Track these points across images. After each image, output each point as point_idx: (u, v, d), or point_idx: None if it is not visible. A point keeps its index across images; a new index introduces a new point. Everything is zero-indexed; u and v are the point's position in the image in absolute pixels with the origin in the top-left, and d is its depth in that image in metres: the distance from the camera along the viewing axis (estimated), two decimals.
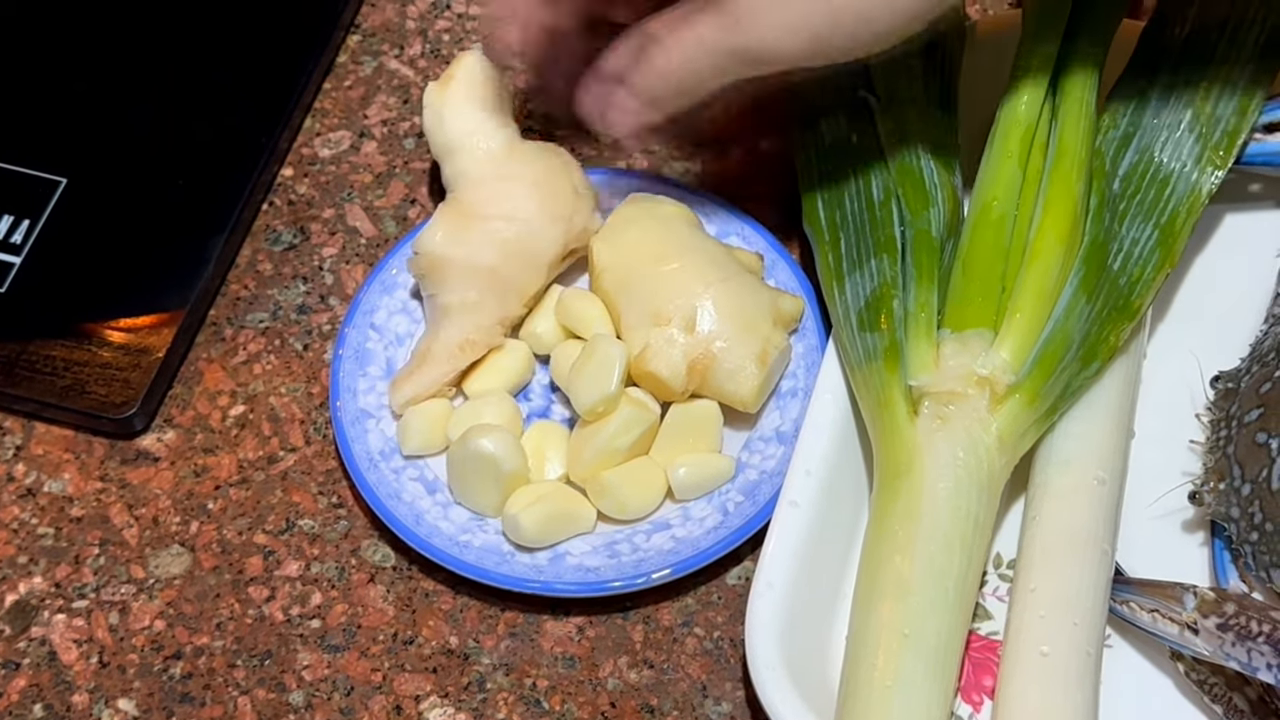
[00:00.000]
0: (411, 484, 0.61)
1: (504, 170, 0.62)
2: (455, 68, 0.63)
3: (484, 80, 0.63)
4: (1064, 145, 0.60)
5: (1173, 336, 0.64)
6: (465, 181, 0.62)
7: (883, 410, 0.57)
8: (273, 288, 0.67)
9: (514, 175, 0.62)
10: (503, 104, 0.63)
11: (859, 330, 0.59)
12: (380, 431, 0.61)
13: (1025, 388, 0.56)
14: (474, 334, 0.61)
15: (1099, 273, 0.59)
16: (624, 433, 0.59)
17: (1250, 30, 0.63)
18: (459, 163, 0.63)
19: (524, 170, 0.62)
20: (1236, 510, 0.56)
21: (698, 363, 0.60)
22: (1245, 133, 0.62)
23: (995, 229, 0.59)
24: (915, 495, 0.54)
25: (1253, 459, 0.56)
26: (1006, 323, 0.57)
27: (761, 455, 0.61)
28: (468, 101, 0.63)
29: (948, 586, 0.53)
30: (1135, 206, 0.61)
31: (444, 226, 0.61)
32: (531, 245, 0.62)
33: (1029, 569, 0.56)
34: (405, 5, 0.74)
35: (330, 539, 0.62)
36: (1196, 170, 0.61)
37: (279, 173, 0.70)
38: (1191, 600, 0.54)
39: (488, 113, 0.63)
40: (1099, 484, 0.57)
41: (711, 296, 0.60)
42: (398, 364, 0.63)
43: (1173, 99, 0.62)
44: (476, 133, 0.62)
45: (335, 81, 0.72)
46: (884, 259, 0.60)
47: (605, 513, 0.60)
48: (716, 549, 0.58)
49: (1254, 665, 0.52)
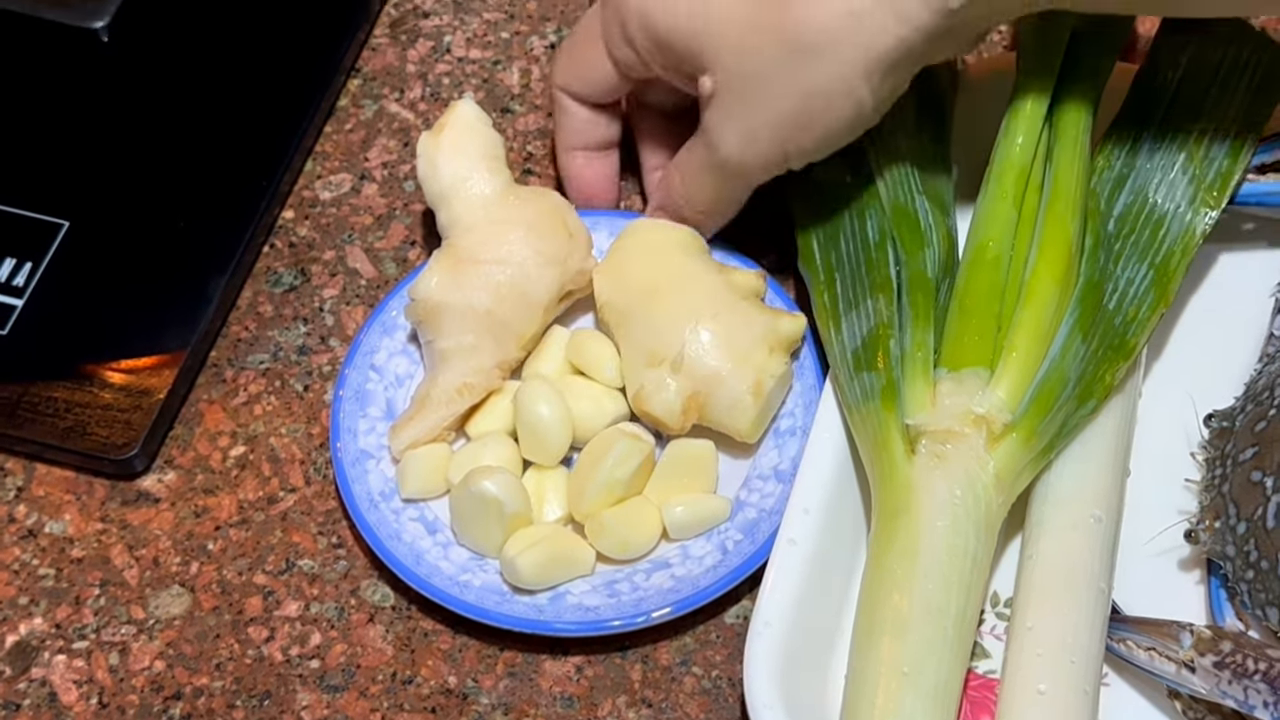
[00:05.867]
0: (411, 524, 0.61)
1: (498, 215, 0.63)
2: (448, 116, 0.64)
3: (476, 127, 0.64)
4: (1059, 186, 0.61)
5: (1168, 375, 0.64)
6: (459, 227, 0.63)
7: (880, 449, 0.57)
8: (273, 329, 0.68)
9: (508, 219, 0.63)
10: (496, 150, 0.64)
11: (855, 370, 0.59)
12: (380, 472, 0.62)
13: (1022, 426, 0.57)
14: (472, 378, 0.62)
15: (1094, 312, 0.59)
16: (622, 465, 0.59)
17: (1243, 73, 0.64)
18: (453, 209, 0.63)
19: (518, 214, 0.63)
20: (1232, 548, 0.57)
21: (693, 400, 0.60)
22: (1238, 174, 0.62)
23: (991, 269, 0.60)
24: (913, 533, 0.55)
25: (1248, 497, 0.56)
26: (1003, 362, 0.58)
27: (760, 494, 0.61)
28: (461, 149, 0.63)
29: (946, 625, 0.54)
30: (1130, 247, 0.61)
31: (439, 272, 0.62)
32: (527, 288, 0.62)
33: (1026, 607, 0.56)
34: (405, 49, 0.75)
35: (329, 579, 0.62)
36: (1190, 211, 0.62)
37: (280, 215, 0.70)
38: (1188, 638, 0.54)
39: (481, 159, 0.63)
40: (1095, 522, 0.57)
41: (704, 331, 0.60)
42: (398, 405, 0.63)
43: (1166, 141, 0.63)
44: (470, 179, 0.63)
45: (336, 124, 0.73)
46: (880, 299, 0.60)
47: (604, 553, 0.60)
48: (716, 587, 0.58)
49: (1250, 703, 0.52)
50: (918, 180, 0.63)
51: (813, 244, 0.63)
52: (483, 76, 0.74)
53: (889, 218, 0.62)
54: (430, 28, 0.76)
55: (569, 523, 0.61)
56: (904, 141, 0.64)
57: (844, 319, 0.61)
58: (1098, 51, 0.63)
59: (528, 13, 0.76)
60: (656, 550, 0.61)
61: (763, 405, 0.61)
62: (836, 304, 0.62)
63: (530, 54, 0.75)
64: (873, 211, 0.63)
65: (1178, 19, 0.64)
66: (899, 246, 0.61)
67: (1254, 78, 0.64)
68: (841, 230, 0.63)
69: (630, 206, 0.70)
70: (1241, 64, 0.64)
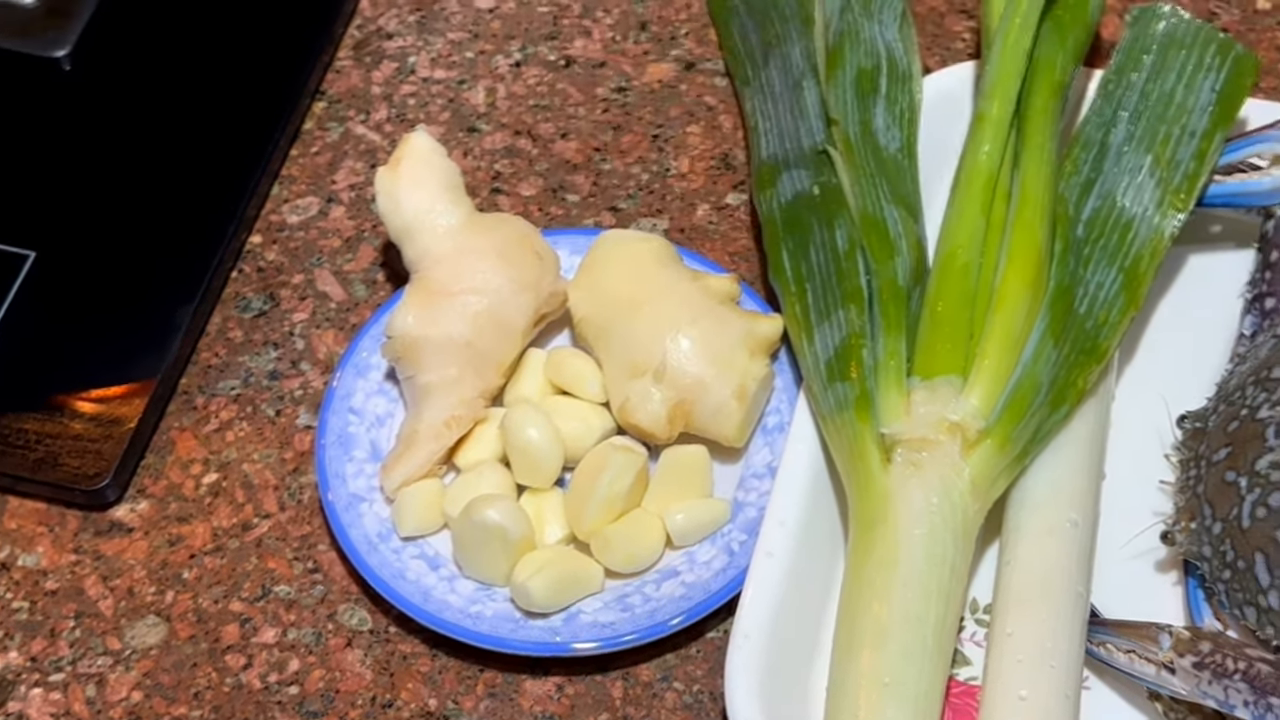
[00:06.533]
0: (414, 562, 0.61)
1: (465, 244, 0.63)
2: (402, 149, 0.64)
3: (433, 158, 0.64)
4: (1026, 192, 0.61)
5: (1140, 378, 0.64)
6: (428, 260, 0.63)
7: (855, 459, 0.57)
8: (243, 355, 0.67)
9: (476, 248, 0.63)
10: (454, 179, 0.64)
11: (829, 380, 0.59)
12: (375, 514, 0.61)
13: (996, 433, 0.57)
14: (458, 410, 0.62)
15: (1065, 317, 0.59)
16: (619, 479, 0.60)
17: (1207, 75, 0.64)
18: (419, 242, 0.63)
19: (485, 242, 0.63)
20: (1209, 549, 0.57)
21: (678, 408, 0.60)
22: (1205, 176, 0.63)
23: (961, 276, 0.60)
24: (891, 543, 0.55)
25: (1223, 498, 0.56)
26: (975, 369, 0.58)
27: (758, 492, 0.61)
28: (420, 181, 0.63)
29: (926, 633, 0.53)
30: (1099, 251, 0.61)
31: (414, 308, 0.62)
32: (503, 315, 0.62)
33: (1005, 613, 0.56)
34: (370, 71, 0.75)
35: (306, 604, 0.61)
36: (1158, 214, 0.62)
37: (247, 240, 0.70)
38: (1167, 640, 0.54)
39: (441, 190, 0.63)
40: (1072, 526, 0.57)
41: (684, 339, 0.61)
42: (382, 445, 0.63)
43: (1133, 144, 0.63)
44: (432, 210, 0.63)
45: (302, 148, 0.73)
46: (851, 309, 0.60)
47: (612, 568, 0.60)
48: (727, 590, 0.59)
49: (1231, 703, 0.52)
50: (886, 189, 0.63)
51: (782, 255, 0.63)
52: (448, 97, 0.74)
53: (858, 227, 0.62)
54: (394, 49, 0.76)
55: (571, 542, 0.61)
56: (871, 150, 0.64)
57: (816, 330, 0.61)
58: (1062, 57, 0.64)
59: (492, 31, 0.76)
60: (663, 560, 0.61)
61: (747, 409, 0.61)
62: (808, 315, 0.61)
63: (495, 73, 0.75)
64: (842, 221, 0.63)
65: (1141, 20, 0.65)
66: (869, 256, 0.61)
67: (1218, 79, 0.64)
68: (811, 241, 0.63)
69: (599, 223, 0.70)
70: (1205, 66, 0.64)
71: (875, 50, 0.67)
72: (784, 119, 0.67)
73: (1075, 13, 0.65)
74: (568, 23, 0.76)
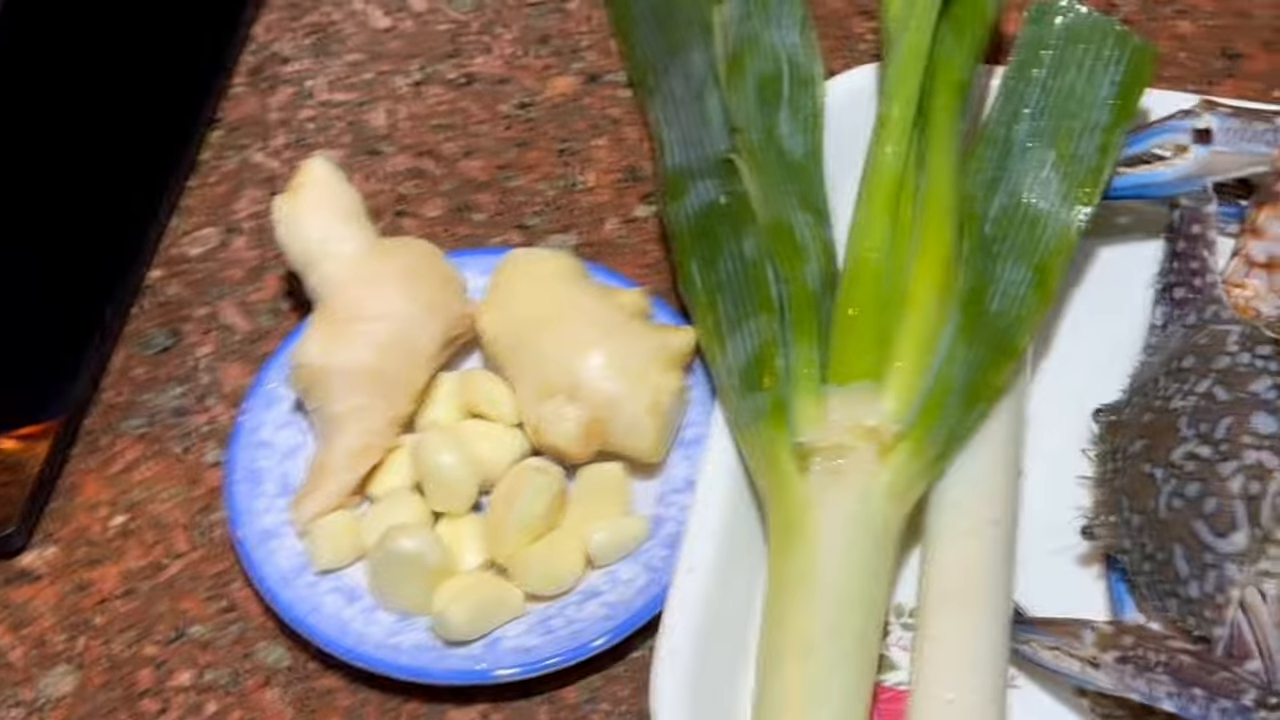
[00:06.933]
0: (330, 596, 0.59)
1: (368, 270, 0.62)
2: (301, 176, 0.63)
3: (332, 184, 0.63)
4: (932, 193, 0.61)
5: (1056, 373, 0.64)
6: (332, 288, 0.62)
7: (772, 469, 0.57)
8: (148, 392, 0.66)
9: (380, 274, 0.62)
10: (354, 205, 0.63)
11: (743, 391, 0.59)
12: (289, 549, 0.60)
13: (912, 436, 0.56)
14: (368, 439, 0.61)
15: (977, 316, 0.59)
16: (536, 501, 0.59)
17: (1107, 69, 0.64)
18: (322, 270, 0.62)
19: (389, 267, 0.62)
20: (1129, 542, 0.57)
21: (593, 426, 0.60)
22: (1109, 168, 0.63)
23: (871, 281, 0.59)
24: (811, 552, 0.54)
25: (1140, 490, 0.56)
26: (889, 373, 0.57)
27: (678, 507, 0.61)
28: (319, 208, 0.62)
29: (850, 642, 0.53)
30: (1009, 248, 0.61)
31: (318, 337, 0.61)
32: (410, 340, 0.61)
33: (929, 617, 0.56)
34: (267, 97, 0.74)
35: (222, 644, 0.60)
36: (1065, 208, 0.62)
37: (147, 275, 0.69)
38: (1090, 636, 0.54)
39: (342, 216, 0.63)
40: (992, 526, 0.57)
41: (596, 356, 0.60)
42: (293, 478, 0.62)
43: (1037, 140, 0.63)
44: (333, 238, 0.62)
45: (200, 179, 0.71)
46: (763, 318, 0.60)
47: (533, 591, 0.59)
48: (651, 607, 0.58)
49: (1155, 695, 0.52)
50: (794, 195, 0.63)
51: (692, 267, 0.63)
52: (348, 120, 0.73)
53: (766, 235, 0.62)
54: (291, 73, 0.75)
55: (490, 567, 0.60)
56: (776, 157, 0.64)
57: (728, 340, 0.60)
58: (962, 55, 0.64)
59: (390, 51, 0.75)
60: (585, 580, 0.60)
61: (663, 423, 0.60)
62: (720, 326, 0.61)
63: (396, 94, 0.74)
64: (750, 230, 0.62)
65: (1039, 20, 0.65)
66: (778, 264, 0.61)
67: (1118, 72, 0.64)
68: (720, 251, 0.62)
69: (507, 242, 0.69)
70: (1106, 59, 0.64)
71: (777, 56, 0.67)
72: (689, 129, 0.67)
73: (973, 11, 0.65)
74: (467, 40, 0.76)
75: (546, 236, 0.70)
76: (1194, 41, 0.76)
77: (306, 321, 0.62)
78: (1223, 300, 0.61)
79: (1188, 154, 0.63)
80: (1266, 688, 0.51)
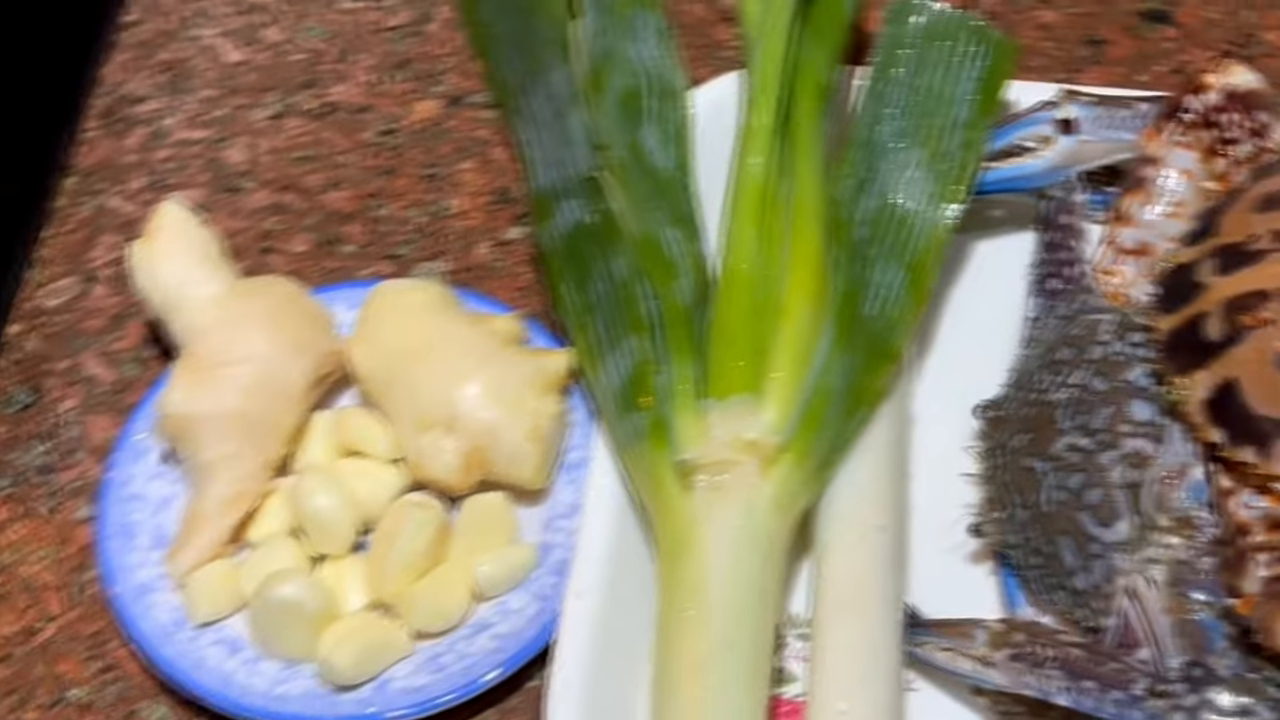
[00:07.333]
0: (212, 648, 0.58)
1: (230, 313, 0.61)
2: (155, 221, 0.62)
3: (187, 228, 0.62)
4: (801, 200, 0.60)
5: (938, 372, 0.64)
6: (194, 333, 0.61)
7: (656, 489, 0.56)
8: (11, 451, 0.64)
9: (242, 316, 0.61)
10: (211, 246, 0.62)
11: (622, 412, 0.58)
12: (166, 603, 0.59)
13: (794, 446, 0.56)
14: (241, 485, 0.60)
15: (853, 321, 0.59)
16: (418, 536, 0.58)
17: (968, 64, 0.64)
18: (183, 316, 0.61)
19: (251, 308, 0.61)
20: (1016, 537, 0.57)
21: (473, 456, 0.59)
22: (976, 164, 0.63)
23: (745, 292, 0.59)
24: (698, 571, 0.54)
25: (1025, 484, 0.56)
26: (767, 384, 0.57)
27: (565, 532, 0.60)
28: (175, 252, 0.61)
29: (742, 659, 0.53)
30: (881, 250, 0.61)
31: (183, 385, 0.60)
32: (278, 382, 0.60)
33: (821, 627, 0.55)
34: (121, 139, 0.72)
35: (102, 705, 0.59)
36: (934, 207, 0.62)
37: (5, 331, 0.67)
38: (982, 635, 0.54)
39: (200, 260, 0.62)
40: (880, 532, 0.57)
41: (471, 386, 0.59)
42: (167, 530, 0.61)
43: (903, 140, 0.63)
44: (192, 282, 0.61)
45: (55, 227, 0.70)
46: (638, 337, 0.59)
47: (421, 629, 0.58)
48: (542, 636, 0.57)
49: (1048, 690, 0.52)
50: (663, 210, 0.62)
51: (563, 289, 0.62)
52: (207, 157, 0.72)
53: (637, 252, 0.61)
54: (145, 113, 0.73)
55: (376, 607, 0.59)
56: (642, 172, 0.63)
57: (604, 361, 0.60)
58: (823, 59, 0.63)
59: (246, 85, 0.74)
60: (474, 614, 0.59)
61: (544, 449, 0.60)
62: (595, 347, 0.60)
63: (254, 128, 0.73)
64: (621, 248, 0.62)
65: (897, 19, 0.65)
66: (650, 281, 0.60)
67: (980, 68, 0.64)
68: (592, 271, 0.62)
69: (378, 273, 0.68)
70: (966, 55, 0.64)
71: (638, 69, 0.66)
72: (553, 149, 0.66)
73: (831, 14, 0.65)
74: (324, 68, 0.74)
75: (417, 265, 0.68)
76: (1058, 30, 0.76)
77: (171, 369, 0.61)
78: (1094, 289, 0.61)
79: (1053, 145, 0.64)
80: (1156, 675, 0.51)
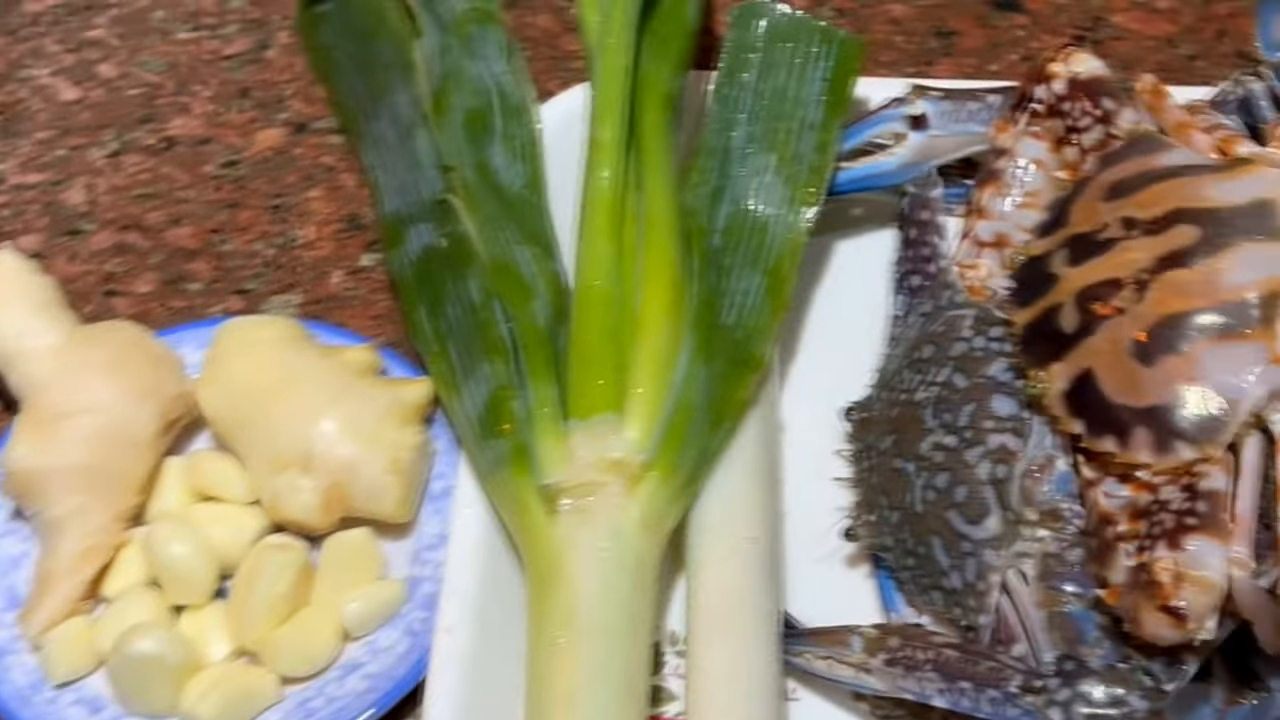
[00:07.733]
0: (73, 709, 0.56)
1: (70, 362, 0.59)
2: None
3: (21, 276, 0.60)
4: (652, 212, 0.60)
5: (805, 376, 0.64)
6: (34, 385, 0.59)
7: (521, 515, 0.55)
8: None
9: (83, 364, 0.59)
10: (48, 295, 0.61)
11: (482, 438, 0.57)
12: (22, 665, 0.57)
13: (659, 463, 0.55)
14: (92, 539, 0.58)
15: (712, 331, 0.58)
16: (279, 579, 0.57)
17: (815, 65, 0.64)
18: (22, 368, 0.60)
19: (92, 356, 0.59)
20: (890, 539, 0.56)
21: (332, 493, 0.58)
22: (830, 165, 0.62)
23: (601, 309, 0.58)
24: (567, 597, 0.53)
25: (894, 486, 0.56)
26: (629, 401, 0.56)
27: (433, 565, 0.59)
28: (10, 303, 0.60)
29: (616, 685, 0.52)
30: (738, 258, 0.61)
31: (25, 439, 0.58)
32: (124, 430, 0.59)
33: (696, 643, 0.54)
34: None
35: None
36: (790, 211, 0.61)
37: None
38: (858, 641, 0.54)
39: (35, 309, 0.60)
40: (751, 543, 0.56)
41: (326, 421, 0.58)
42: (21, 589, 0.59)
43: (755, 145, 0.62)
44: (29, 332, 0.60)
45: None
46: (495, 361, 0.58)
47: (288, 674, 0.57)
48: (414, 674, 0.56)
49: (926, 693, 0.52)
50: (514, 229, 0.61)
51: (419, 315, 0.61)
52: (44, 201, 0.69)
53: (489, 274, 0.60)
54: None
55: (241, 655, 0.58)
56: (492, 192, 0.62)
57: (462, 388, 0.59)
58: (666, 69, 0.63)
59: (82, 124, 0.72)
60: (343, 654, 0.58)
61: (406, 481, 0.58)
62: (453, 373, 0.59)
63: (92, 167, 0.70)
64: (473, 271, 0.60)
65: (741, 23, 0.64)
66: (504, 302, 0.59)
67: (826, 67, 0.64)
68: (445, 296, 0.61)
69: (228, 310, 0.66)
70: (812, 56, 0.64)
71: (483, 87, 0.65)
72: (400, 172, 0.65)
73: (673, 23, 0.64)
74: (162, 102, 0.72)
75: (268, 299, 0.67)
76: (908, 23, 0.76)
77: (12, 424, 0.59)
78: (956, 284, 0.61)
79: (905, 141, 0.63)
80: (1031, 671, 0.51)
